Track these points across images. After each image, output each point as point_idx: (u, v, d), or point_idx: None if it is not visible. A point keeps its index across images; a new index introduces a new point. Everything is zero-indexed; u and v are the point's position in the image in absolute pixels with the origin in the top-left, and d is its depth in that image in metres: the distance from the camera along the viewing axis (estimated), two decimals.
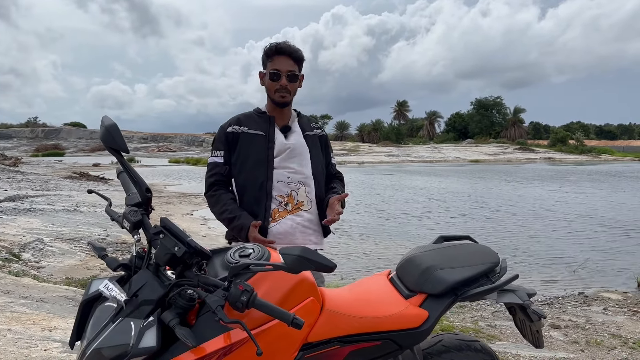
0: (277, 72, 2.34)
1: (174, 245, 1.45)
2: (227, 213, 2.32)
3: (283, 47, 2.34)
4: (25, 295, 4.52)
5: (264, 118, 2.43)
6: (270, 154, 2.35)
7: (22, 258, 7.52)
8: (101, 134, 1.53)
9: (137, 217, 1.54)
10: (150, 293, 1.44)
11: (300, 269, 1.39)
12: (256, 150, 2.36)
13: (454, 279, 1.82)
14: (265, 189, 2.34)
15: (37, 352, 3.07)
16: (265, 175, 2.34)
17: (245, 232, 2.26)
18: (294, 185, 2.38)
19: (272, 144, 2.36)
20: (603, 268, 8.52)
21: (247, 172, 2.36)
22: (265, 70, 2.40)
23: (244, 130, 2.38)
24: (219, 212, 2.37)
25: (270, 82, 2.36)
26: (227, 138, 2.39)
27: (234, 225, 2.29)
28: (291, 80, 2.36)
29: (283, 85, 2.35)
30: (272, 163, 2.35)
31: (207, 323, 1.45)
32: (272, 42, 2.39)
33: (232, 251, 1.61)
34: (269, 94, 2.41)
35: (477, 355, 1.97)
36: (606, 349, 4.54)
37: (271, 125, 2.41)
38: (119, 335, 1.38)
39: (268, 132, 2.38)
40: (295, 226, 2.36)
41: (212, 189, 2.41)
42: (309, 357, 1.64)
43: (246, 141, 2.37)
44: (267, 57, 2.38)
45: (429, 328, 1.76)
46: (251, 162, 2.35)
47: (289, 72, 2.35)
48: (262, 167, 2.34)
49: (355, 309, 1.75)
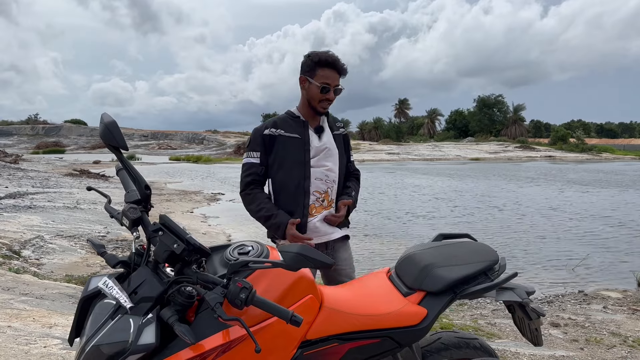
0: (328, 86, 2.44)
1: (173, 243, 1.45)
2: (264, 211, 2.44)
3: (337, 62, 2.45)
4: (26, 292, 4.53)
5: (298, 122, 2.54)
6: (307, 155, 2.49)
7: (22, 255, 7.53)
8: (100, 131, 1.53)
9: (136, 214, 1.54)
10: (150, 290, 1.45)
11: (299, 266, 1.40)
12: (293, 152, 2.48)
13: (453, 276, 1.82)
14: (303, 187, 2.47)
15: (37, 348, 3.07)
16: (303, 174, 2.47)
17: (283, 229, 2.40)
18: (330, 183, 2.54)
19: (308, 147, 2.50)
20: (603, 266, 8.51)
21: (285, 172, 2.48)
22: (312, 79, 2.46)
23: (280, 133, 2.49)
24: (255, 210, 2.47)
25: (319, 94, 2.46)
26: (263, 140, 2.49)
27: (271, 223, 2.43)
28: (336, 93, 2.51)
29: (330, 99, 2.48)
30: (310, 163, 2.49)
31: (206, 320, 1.45)
32: (323, 52, 2.47)
33: (231, 249, 1.61)
34: (312, 102, 2.50)
35: (475, 352, 1.97)
36: (605, 347, 4.54)
37: (305, 128, 2.53)
38: (118, 332, 1.38)
39: (303, 135, 2.51)
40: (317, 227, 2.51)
41: (249, 188, 2.51)
42: (308, 354, 1.64)
43: (283, 143, 2.48)
44: (317, 66, 2.45)
45: (427, 326, 1.76)
46: (289, 163, 2.48)
47: (337, 87, 2.49)
48: (300, 168, 2.47)
49: (354, 306, 1.75)
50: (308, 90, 2.49)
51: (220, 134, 78.05)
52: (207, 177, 28.29)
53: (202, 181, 25.78)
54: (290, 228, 2.40)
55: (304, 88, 2.52)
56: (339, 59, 2.48)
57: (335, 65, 2.45)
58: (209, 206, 16.08)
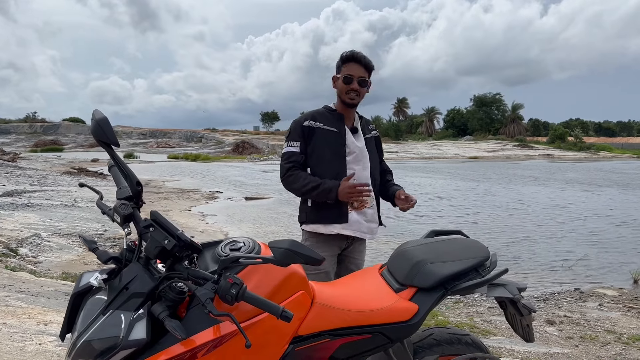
0: (350, 76, 2.60)
1: (164, 239, 1.46)
2: (312, 183, 2.55)
3: (357, 55, 2.62)
4: (22, 289, 4.53)
5: (336, 116, 2.69)
6: (343, 150, 2.63)
7: (19, 253, 7.53)
8: (92, 128, 1.53)
9: (127, 210, 1.54)
10: (141, 286, 1.45)
11: (289, 262, 1.40)
12: (331, 144, 2.63)
13: (444, 273, 1.83)
14: (340, 179, 2.57)
15: (32, 345, 3.08)
16: (340, 167, 2.61)
17: (336, 190, 2.51)
18: None
19: (344, 141, 2.64)
20: (601, 265, 8.54)
21: (324, 163, 2.62)
22: (339, 75, 2.64)
23: (319, 125, 2.64)
24: (302, 185, 2.57)
25: (343, 85, 2.62)
26: (303, 131, 2.63)
27: (322, 188, 2.53)
28: (361, 85, 2.62)
29: (354, 89, 2.61)
30: (346, 159, 2.63)
31: (197, 316, 1.46)
32: (348, 50, 2.65)
33: (223, 245, 1.61)
34: (340, 95, 2.66)
35: (467, 348, 1.98)
36: (600, 344, 4.56)
37: (342, 122, 2.67)
38: (109, 327, 1.39)
39: (340, 129, 2.65)
40: (361, 219, 2.63)
41: (290, 171, 2.63)
42: (300, 350, 1.65)
43: (322, 135, 2.63)
44: (342, 63, 2.65)
45: (419, 321, 1.77)
46: (329, 155, 2.62)
47: (360, 78, 2.61)
48: (338, 160, 2.62)
49: (345, 302, 1.75)
50: (337, 85, 2.68)
51: (219, 132, 77.95)
52: (206, 176, 28.28)
53: (201, 179, 25.76)
54: (343, 183, 2.51)
55: (335, 85, 2.70)
56: (361, 53, 2.63)
57: (355, 58, 2.61)
58: (207, 204, 16.08)
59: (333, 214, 2.59)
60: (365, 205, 2.66)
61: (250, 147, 59.39)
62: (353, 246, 2.71)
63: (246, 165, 38.78)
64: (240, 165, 39.67)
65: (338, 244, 2.64)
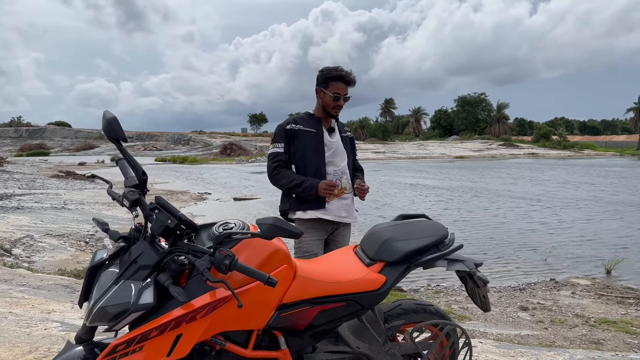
0: (339, 95, 2.99)
1: (167, 219, 1.72)
2: (295, 180, 2.93)
3: (346, 77, 2.99)
4: (23, 283, 4.74)
5: (314, 119, 3.08)
6: (321, 146, 3.01)
7: (13, 253, 7.70)
8: (103, 126, 1.79)
9: (134, 196, 1.80)
10: (148, 259, 1.71)
11: (273, 235, 1.67)
12: (311, 142, 3.00)
13: (408, 249, 2.12)
14: (321, 173, 2.97)
15: (38, 331, 3.31)
16: (320, 162, 2.99)
17: (316, 188, 2.89)
18: (339, 175, 3.03)
19: (322, 139, 3.02)
20: (577, 256, 8.90)
21: (306, 159, 2.98)
22: (326, 90, 3.00)
23: (300, 127, 3.02)
24: (287, 182, 2.95)
25: (331, 102, 3.00)
26: (286, 134, 3.01)
27: (305, 185, 2.91)
28: (345, 101, 3.05)
29: (341, 105, 3.03)
30: (325, 153, 3.01)
31: (196, 284, 1.72)
32: (333, 68, 3.01)
33: (217, 225, 1.88)
34: (327, 108, 3.04)
35: (431, 316, 2.27)
36: (568, 327, 4.88)
37: (320, 124, 3.06)
38: (121, 294, 1.65)
39: (318, 130, 3.03)
40: (341, 206, 3.01)
41: (276, 170, 3.00)
42: (284, 315, 1.92)
43: (303, 136, 3.01)
44: (330, 80, 2.99)
45: (386, 290, 2.05)
46: (309, 151, 2.99)
47: (346, 96, 3.03)
48: (318, 156, 2.99)
49: (323, 275, 2.03)
50: (323, 99, 3.03)
51: (207, 135, 77.86)
52: (194, 178, 28.40)
53: (189, 181, 25.89)
54: (322, 182, 2.90)
55: (320, 97, 3.05)
56: (348, 73, 3.01)
57: (344, 79, 2.99)
58: (196, 205, 16.27)
59: (314, 202, 2.95)
60: (344, 191, 3.04)
61: (238, 149, 59.43)
62: (338, 231, 3.08)
63: (234, 167, 38.91)
64: (229, 167, 39.79)
65: (324, 228, 3.00)
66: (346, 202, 3.05)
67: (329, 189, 2.91)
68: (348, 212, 3.06)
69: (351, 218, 3.10)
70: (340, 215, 3.02)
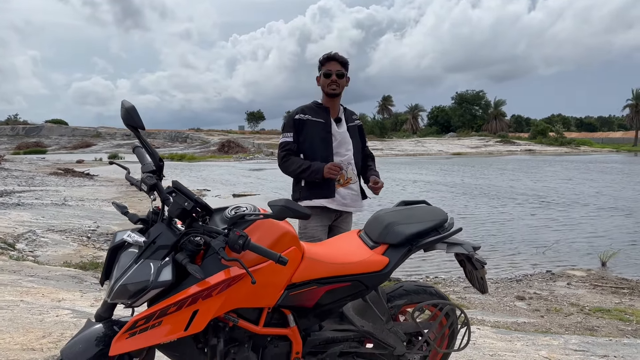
0: (329, 72, 3.09)
1: (184, 202, 1.83)
2: (303, 165, 3.06)
3: (333, 54, 3.12)
4: (31, 274, 4.85)
5: (322, 109, 3.17)
6: (330, 137, 3.12)
7: (16, 248, 7.78)
8: (122, 114, 1.89)
9: (152, 181, 1.91)
10: (166, 240, 1.81)
11: (284, 216, 1.78)
12: (319, 132, 3.11)
13: (410, 232, 2.23)
14: (328, 162, 3.07)
15: (50, 317, 3.42)
16: (327, 151, 3.11)
17: (322, 170, 2.99)
18: (344, 166, 3.12)
19: (330, 129, 3.13)
20: (574, 249, 9.04)
21: (314, 148, 3.11)
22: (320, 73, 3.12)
23: (308, 117, 3.13)
24: (295, 168, 3.08)
25: (324, 80, 3.10)
26: (294, 123, 3.13)
27: (311, 170, 3.03)
28: (339, 77, 3.10)
29: (334, 80, 3.08)
30: (332, 143, 3.12)
31: (211, 262, 1.83)
32: (325, 53, 3.15)
33: (229, 209, 1.98)
34: (324, 89, 3.13)
35: (431, 297, 2.38)
36: (564, 315, 5.01)
37: (327, 114, 3.15)
38: (141, 273, 1.75)
39: (326, 120, 3.13)
40: (347, 195, 3.12)
41: (285, 157, 3.13)
42: (293, 295, 2.03)
43: (311, 126, 3.12)
44: (322, 64, 3.13)
45: (389, 271, 2.16)
46: (317, 141, 3.11)
47: (337, 71, 3.09)
48: (325, 145, 3.11)
49: (329, 257, 2.14)
50: (320, 82, 3.14)
51: (204, 132, 77.85)
52: (193, 175, 28.46)
53: (188, 179, 25.95)
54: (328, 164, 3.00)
55: (319, 83, 3.16)
56: (337, 53, 3.13)
57: (333, 57, 3.11)
58: None
59: (323, 190, 3.07)
60: (349, 181, 3.15)
61: (236, 146, 59.46)
62: (341, 218, 3.20)
63: (232, 165, 38.98)
64: (227, 164, 39.85)
65: (328, 216, 3.12)
66: (351, 192, 3.16)
67: (334, 170, 3.00)
68: (354, 201, 3.17)
69: (356, 207, 3.21)
70: (346, 204, 3.13)
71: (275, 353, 2.05)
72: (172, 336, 1.78)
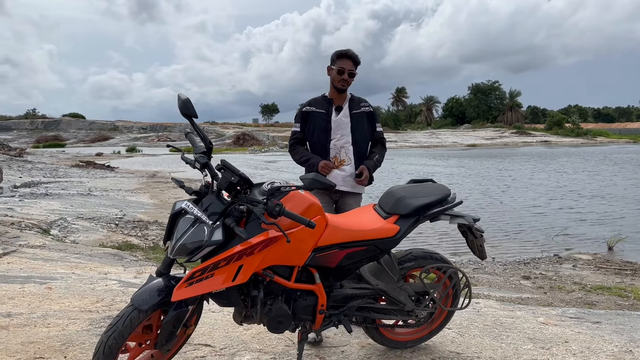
0: (343, 69, 3.39)
1: (231, 176, 2.23)
2: (304, 157, 3.49)
3: (349, 53, 3.42)
4: (76, 252, 5.32)
5: (326, 101, 3.53)
6: (329, 126, 3.47)
7: (51, 233, 8.30)
8: (179, 105, 2.30)
9: (204, 160, 2.32)
10: (216, 208, 2.22)
11: (314, 187, 2.18)
12: (320, 122, 3.48)
13: (418, 204, 2.61)
14: (326, 148, 3.46)
15: (100, 286, 3.86)
16: (325, 139, 3.46)
17: (316, 165, 3.37)
18: (337, 149, 3.47)
19: (329, 118, 3.48)
20: (584, 236, 9.31)
21: (315, 136, 3.49)
22: (334, 67, 3.42)
23: (313, 110, 3.52)
24: (298, 157, 3.52)
25: (336, 75, 3.40)
26: (302, 115, 3.54)
27: (308, 163, 3.44)
28: (350, 76, 3.42)
29: (345, 79, 3.41)
30: (331, 132, 3.46)
31: (253, 227, 2.23)
32: (342, 48, 3.46)
33: (266, 184, 2.38)
34: (334, 83, 3.44)
35: (437, 262, 2.77)
36: (566, 292, 5.35)
37: (330, 106, 3.50)
38: (197, 234, 2.16)
39: (327, 111, 3.49)
40: (337, 175, 3.43)
41: (293, 146, 3.59)
42: (319, 256, 2.42)
43: (314, 117, 3.50)
44: (337, 58, 3.43)
45: (400, 237, 2.55)
46: (318, 131, 3.48)
47: (349, 71, 3.41)
48: (324, 134, 3.46)
49: (349, 225, 2.53)
50: (331, 74, 3.45)
51: (219, 125, 78.64)
52: None
53: None
54: (322, 162, 3.38)
55: (329, 74, 3.46)
56: (352, 51, 3.43)
57: (348, 55, 3.42)
58: None
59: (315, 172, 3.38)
60: (343, 163, 3.46)
61: (250, 139, 60.12)
62: (342, 199, 3.49)
63: (248, 157, 39.57)
64: (242, 156, 40.45)
65: (327, 193, 3.42)
66: (342, 173, 3.42)
67: (326, 168, 3.36)
68: (345, 182, 3.42)
69: (347, 187, 3.43)
70: (338, 184, 3.37)
71: (304, 305, 2.45)
72: (223, 285, 2.19)
